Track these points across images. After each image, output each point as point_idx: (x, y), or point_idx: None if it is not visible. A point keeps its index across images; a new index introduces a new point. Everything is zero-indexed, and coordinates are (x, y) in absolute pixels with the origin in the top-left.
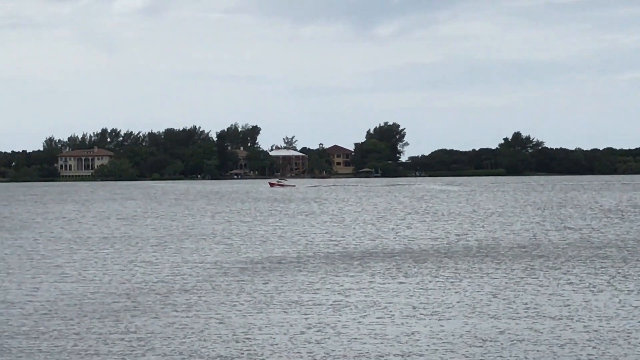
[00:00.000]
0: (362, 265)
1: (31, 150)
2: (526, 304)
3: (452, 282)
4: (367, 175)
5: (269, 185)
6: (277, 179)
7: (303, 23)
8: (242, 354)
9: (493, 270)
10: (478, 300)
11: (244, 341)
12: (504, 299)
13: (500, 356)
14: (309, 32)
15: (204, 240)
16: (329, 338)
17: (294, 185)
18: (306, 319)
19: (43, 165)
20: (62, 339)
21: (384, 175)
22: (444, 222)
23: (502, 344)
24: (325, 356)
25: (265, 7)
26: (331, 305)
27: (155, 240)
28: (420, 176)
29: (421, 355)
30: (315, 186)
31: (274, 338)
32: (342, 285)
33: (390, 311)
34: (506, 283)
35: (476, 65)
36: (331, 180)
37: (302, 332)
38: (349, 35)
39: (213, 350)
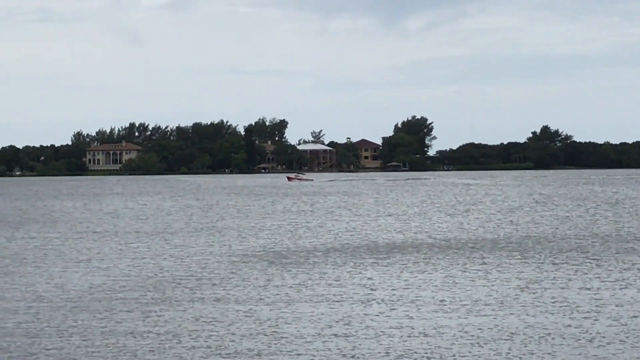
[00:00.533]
0: (389, 259)
1: (60, 145)
2: (554, 297)
3: (480, 275)
4: (395, 169)
5: (287, 180)
6: (295, 174)
7: (331, 17)
8: (270, 347)
9: (521, 264)
10: (506, 294)
11: (271, 334)
12: (532, 293)
13: (529, 350)
14: (336, 26)
15: (232, 233)
16: (356, 332)
17: (312, 180)
18: (334, 312)
19: (71, 159)
20: (90, 333)
21: (412, 169)
22: (472, 216)
23: (530, 337)
24: (352, 350)
25: (292, 0)
26: (359, 299)
27: (183, 234)
28: (448, 170)
29: (449, 349)
30: (332, 180)
31: (302, 332)
32: (369, 279)
33: (418, 305)
34: (534, 277)
35: (504, 59)
36: (353, 174)
37: (330, 326)
38: (377, 29)
39: (240, 344)
